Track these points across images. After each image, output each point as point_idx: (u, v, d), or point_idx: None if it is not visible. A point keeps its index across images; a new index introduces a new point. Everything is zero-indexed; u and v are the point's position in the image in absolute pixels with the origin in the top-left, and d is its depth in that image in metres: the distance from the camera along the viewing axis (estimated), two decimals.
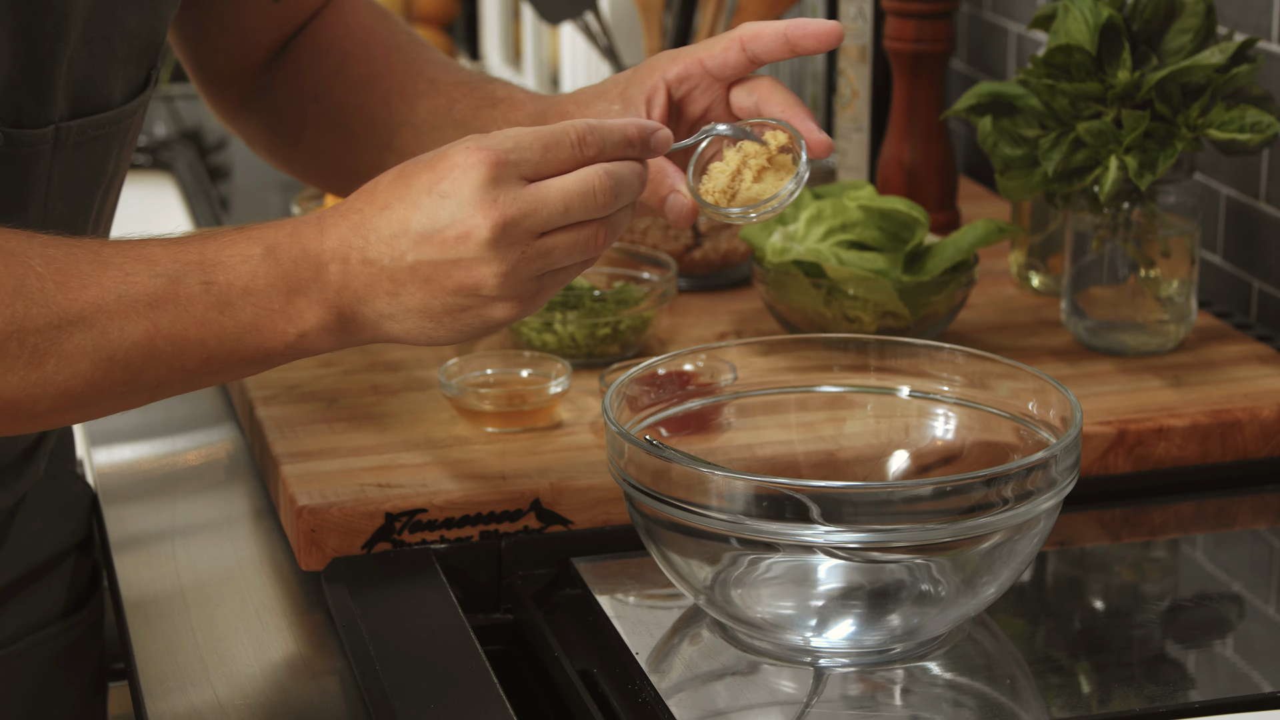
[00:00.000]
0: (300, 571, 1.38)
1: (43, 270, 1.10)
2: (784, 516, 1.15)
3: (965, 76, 2.20)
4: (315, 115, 1.46)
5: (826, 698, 1.19)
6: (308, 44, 1.48)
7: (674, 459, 1.18)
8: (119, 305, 1.11)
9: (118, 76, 1.27)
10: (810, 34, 1.26)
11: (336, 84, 1.45)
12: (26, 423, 1.13)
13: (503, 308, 1.14)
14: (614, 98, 1.31)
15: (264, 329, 1.13)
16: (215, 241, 1.14)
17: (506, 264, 1.12)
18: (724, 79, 1.30)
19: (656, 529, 1.21)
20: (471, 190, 1.12)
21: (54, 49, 1.20)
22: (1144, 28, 1.55)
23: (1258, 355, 1.60)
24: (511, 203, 1.12)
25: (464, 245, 1.12)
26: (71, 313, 1.10)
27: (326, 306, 1.14)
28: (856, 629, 1.21)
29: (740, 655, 1.23)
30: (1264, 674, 1.24)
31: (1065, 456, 1.18)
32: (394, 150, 1.43)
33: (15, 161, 1.21)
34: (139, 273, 1.12)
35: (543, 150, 1.14)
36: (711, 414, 1.36)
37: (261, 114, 1.49)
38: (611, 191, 1.14)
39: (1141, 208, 1.58)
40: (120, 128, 1.29)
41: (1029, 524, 1.18)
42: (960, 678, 1.21)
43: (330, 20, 1.48)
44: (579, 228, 1.14)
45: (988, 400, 1.31)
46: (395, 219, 1.13)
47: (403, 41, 1.47)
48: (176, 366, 1.13)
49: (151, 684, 1.25)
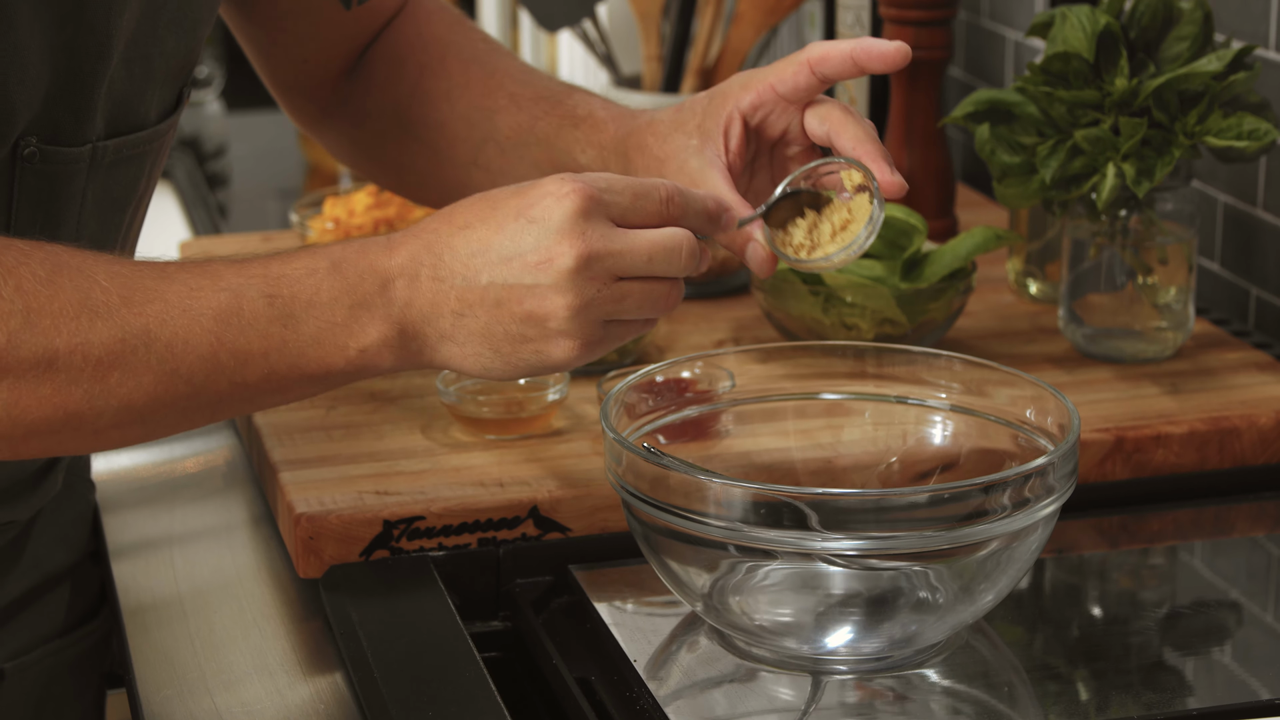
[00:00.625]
0: (298, 579, 1.38)
1: (108, 285, 1.10)
2: (782, 524, 1.15)
3: (963, 84, 2.20)
4: (396, 131, 1.46)
5: (824, 705, 1.19)
6: (384, 57, 1.47)
7: (672, 466, 1.18)
8: (184, 319, 1.11)
9: (154, 96, 1.27)
10: (876, 55, 1.26)
11: (415, 99, 1.45)
12: (90, 438, 1.13)
13: (564, 345, 1.14)
14: (692, 131, 1.31)
15: (325, 342, 1.13)
16: (281, 257, 1.14)
17: (581, 298, 1.12)
18: (798, 101, 1.29)
19: (655, 536, 1.21)
20: (561, 219, 1.12)
21: (95, 69, 1.20)
22: (1141, 35, 1.55)
23: (1255, 362, 1.60)
24: (599, 239, 1.12)
25: (543, 271, 1.12)
26: (136, 326, 1.10)
27: (389, 322, 1.14)
28: (854, 636, 1.21)
29: (738, 662, 1.23)
30: (1262, 681, 1.24)
31: (1063, 464, 1.18)
32: (479, 166, 1.43)
33: (49, 178, 1.21)
34: (204, 287, 1.12)
35: (633, 198, 1.15)
36: (709, 421, 1.36)
37: (343, 127, 1.49)
38: (692, 255, 1.16)
39: (1139, 215, 1.58)
40: (153, 146, 1.29)
41: (1026, 531, 1.18)
42: (958, 685, 1.21)
43: (405, 31, 1.48)
44: (654, 282, 1.15)
45: (985, 407, 1.31)
46: (476, 239, 1.13)
47: (480, 52, 1.46)
48: (238, 381, 1.12)
49: (150, 691, 1.25)
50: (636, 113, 1.38)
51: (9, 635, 1.40)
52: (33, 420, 1.10)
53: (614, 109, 1.39)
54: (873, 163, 1.25)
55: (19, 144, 1.18)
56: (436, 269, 1.13)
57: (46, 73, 1.18)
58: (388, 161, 1.48)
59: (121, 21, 1.21)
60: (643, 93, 2.18)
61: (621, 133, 1.37)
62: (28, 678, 1.41)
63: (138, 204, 1.32)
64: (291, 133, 2.91)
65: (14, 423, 1.10)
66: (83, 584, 1.47)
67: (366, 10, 1.46)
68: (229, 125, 2.92)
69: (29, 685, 1.42)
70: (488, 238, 1.13)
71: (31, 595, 1.42)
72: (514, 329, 1.13)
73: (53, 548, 1.44)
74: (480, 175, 1.43)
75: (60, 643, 1.44)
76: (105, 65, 1.21)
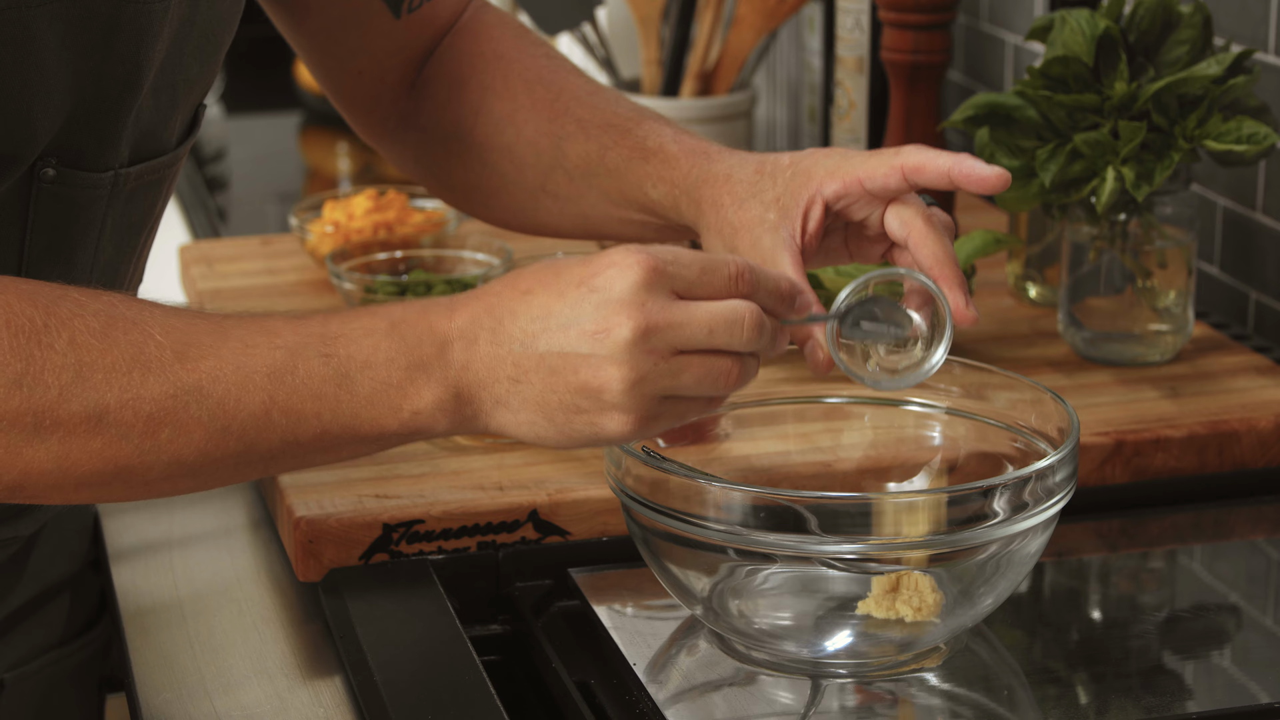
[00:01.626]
0: (298, 582, 1.38)
1: (162, 339, 1.09)
2: (782, 527, 1.15)
3: (962, 88, 2.20)
4: (460, 151, 1.45)
5: (823, 709, 1.19)
6: (444, 75, 1.46)
7: (671, 470, 1.18)
8: (237, 376, 1.09)
9: (176, 121, 1.27)
10: (976, 179, 1.24)
11: (480, 121, 1.44)
12: (140, 489, 1.12)
13: (619, 420, 1.10)
14: (770, 203, 1.29)
15: (379, 404, 1.11)
16: (340, 316, 1.12)
17: (637, 371, 1.09)
18: (883, 199, 1.28)
19: (654, 540, 1.21)
20: (623, 289, 1.09)
21: (123, 97, 1.20)
22: (1141, 39, 1.55)
23: (1255, 366, 1.60)
24: (659, 311, 1.09)
25: (601, 342, 1.09)
26: (189, 383, 1.08)
27: (445, 385, 1.11)
28: (854, 640, 1.21)
29: (738, 666, 1.23)
30: (1261, 684, 1.24)
31: (1062, 468, 1.18)
32: (548, 193, 1.42)
33: (68, 202, 1.21)
34: (259, 345, 1.10)
35: (699, 271, 1.11)
36: (709, 425, 1.36)
37: (408, 145, 1.48)
38: (757, 328, 1.11)
39: (1139, 219, 1.58)
40: (171, 170, 1.29)
41: (1026, 535, 1.18)
42: (958, 689, 1.21)
43: (465, 48, 1.46)
44: (716, 356, 1.11)
45: (985, 411, 1.31)
46: (537, 304, 1.10)
47: (544, 71, 1.44)
48: (290, 439, 1.11)
49: (149, 694, 1.25)
50: (709, 152, 1.35)
51: (9, 646, 1.40)
52: (83, 473, 1.09)
53: (685, 142, 1.37)
54: (949, 289, 1.23)
55: (36, 166, 1.18)
56: (496, 332, 1.11)
57: (70, 98, 1.17)
58: (454, 182, 1.47)
59: (152, 54, 1.20)
60: (642, 96, 2.18)
61: (695, 175, 1.34)
62: (27, 687, 1.41)
63: (152, 226, 1.32)
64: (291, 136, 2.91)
65: (64, 475, 1.09)
66: (83, 593, 1.47)
67: (418, 20, 1.44)
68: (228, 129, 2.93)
69: (29, 695, 1.42)
70: (549, 304, 1.10)
71: (32, 606, 1.42)
72: (568, 399, 1.10)
73: (54, 558, 1.44)
74: (549, 201, 1.42)
75: (60, 652, 1.44)
76: (134, 95, 1.20)
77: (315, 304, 1.77)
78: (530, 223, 1.46)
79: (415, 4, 1.43)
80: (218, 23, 1.27)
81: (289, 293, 1.80)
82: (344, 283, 1.70)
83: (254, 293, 1.80)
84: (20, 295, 1.08)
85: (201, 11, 1.25)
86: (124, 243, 1.28)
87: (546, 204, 1.43)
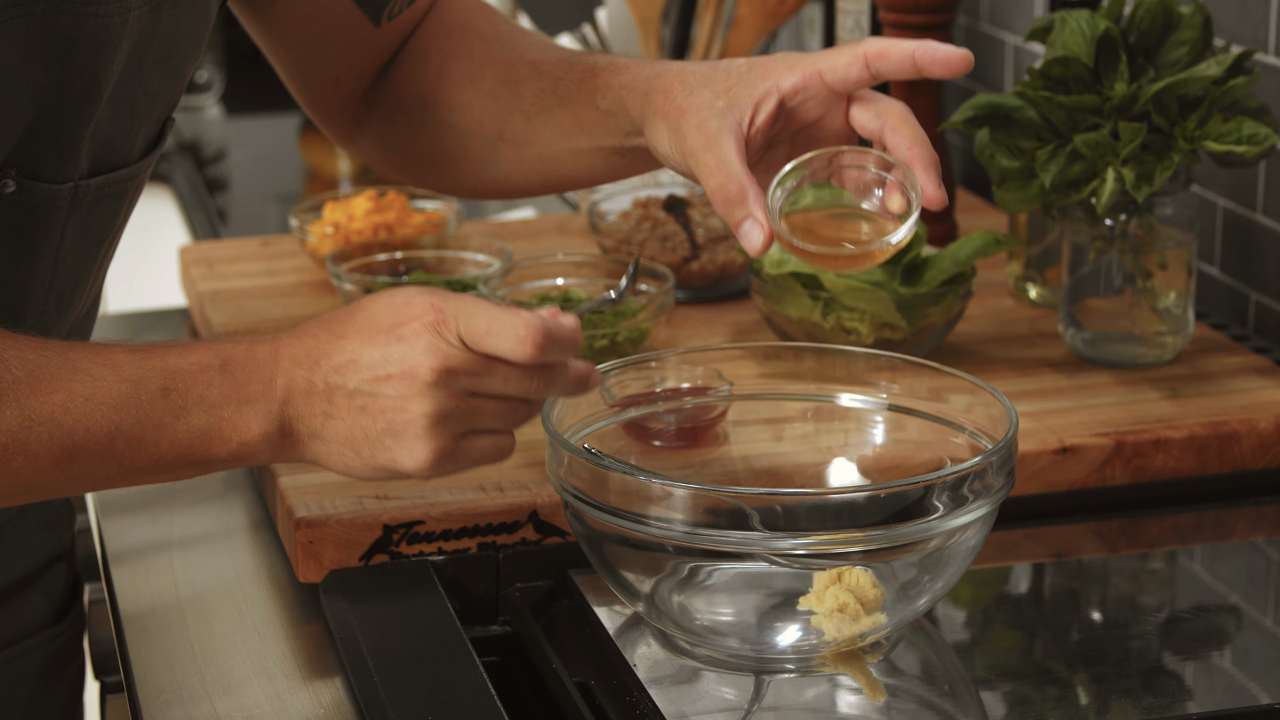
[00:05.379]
0: (298, 583, 1.38)
1: (19, 372, 1.15)
2: (725, 524, 1.16)
3: (962, 89, 2.20)
4: (424, 119, 1.47)
5: (767, 704, 1.20)
6: (408, 52, 1.48)
7: (612, 467, 1.19)
8: (85, 408, 1.16)
9: (138, 134, 1.28)
10: (939, 60, 1.25)
11: (441, 85, 1.46)
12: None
13: (417, 455, 1.18)
14: (721, 91, 1.29)
15: (213, 436, 1.19)
16: (178, 349, 1.20)
17: (438, 411, 1.18)
18: (843, 93, 1.28)
19: (599, 538, 1.22)
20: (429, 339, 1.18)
21: (81, 109, 1.22)
22: (1141, 40, 1.55)
23: (1255, 367, 1.60)
24: (458, 358, 1.18)
25: (406, 384, 1.18)
26: (42, 414, 1.15)
27: (270, 419, 1.19)
28: (798, 635, 1.21)
29: (681, 663, 1.23)
30: (1261, 685, 1.24)
31: (1001, 464, 1.19)
32: (506, 140, 1.43)
33: (28, 212, 1.23)
34: (105, 378, 1.17)
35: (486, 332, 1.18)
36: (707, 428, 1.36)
37: (374, 129, 1.50)
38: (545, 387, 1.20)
39: (1139, 220, 1.58)
40: (134, 183, 1.30)
41: (965, 530, 1.19)
42: (899, 682, 1.22)
43: (428, 25, 1.48)
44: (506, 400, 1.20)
45: (931, 409, 1.31)
46: (350, 348, 1.19)
47: (502, 31, 1.46)
48: (128, 465, 1.18)
49: (149, 696, 1.25)
50: (663, 61, 1.36)
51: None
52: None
53: (641, 59, 1.38)
54: (922, 170, 1.23)
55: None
56: (312, 372, 1.19)
57: (29, 108, 1.19)
58: (419, 154, 1.49)
59: (111, 65, 1.21)
60: None
61: (646, 74, 1.34)
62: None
63: (114, 237, 1.33)
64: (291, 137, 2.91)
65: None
66: (50, 587, 1.48)
67: (396, 24, 1.46)
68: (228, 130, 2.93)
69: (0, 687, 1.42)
70: (360, 348, 1.19)
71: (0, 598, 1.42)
72: (374, 435, 1.19)
73: (19, 552, 1.44)
74: (508, 150, 1.43)
75: (32, 642, 1.45)
76: (92, 107, 1.22)
77: (315, 305, 1.77)
78: (492, 179, 1.46)
79: (396, 11, 1.44)
80: (180, 36, 1.27)
81: (289, 294, 1.80)
82: (344, 284, 1.70)
83: (254, 294, 1.80)
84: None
85: (164, 24, 1.25)
86: (85, 253, 1.29)
87: (506, 153, 1.43)
